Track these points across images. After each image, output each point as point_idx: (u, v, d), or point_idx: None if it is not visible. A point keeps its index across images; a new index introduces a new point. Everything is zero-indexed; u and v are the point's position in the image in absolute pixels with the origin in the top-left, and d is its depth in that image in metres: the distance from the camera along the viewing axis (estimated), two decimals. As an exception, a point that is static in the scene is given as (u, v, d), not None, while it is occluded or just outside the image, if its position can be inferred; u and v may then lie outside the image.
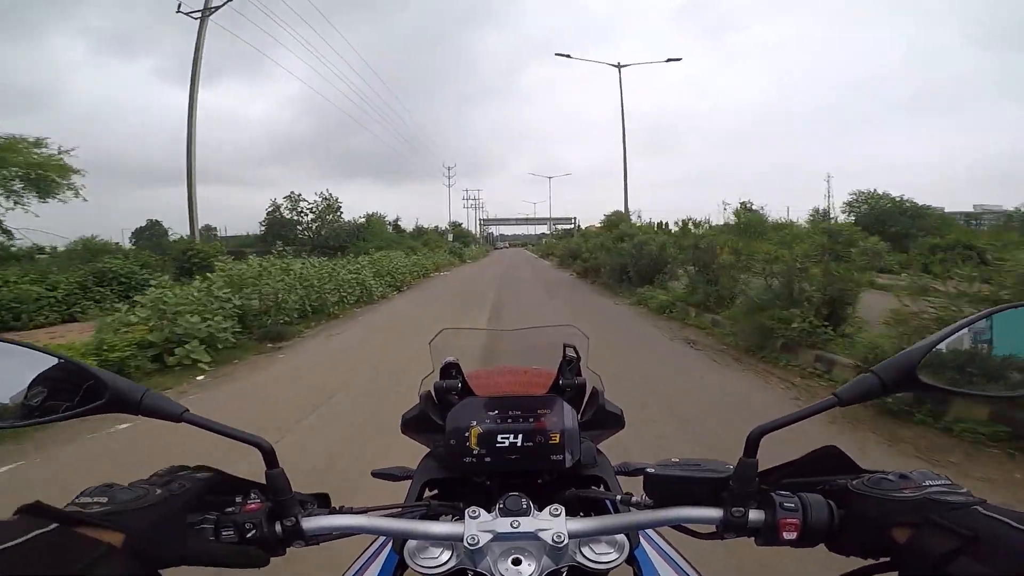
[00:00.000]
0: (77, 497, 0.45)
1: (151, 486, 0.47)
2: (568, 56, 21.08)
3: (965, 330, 0.48)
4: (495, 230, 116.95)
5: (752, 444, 0.48)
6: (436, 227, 48.56)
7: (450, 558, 0.51)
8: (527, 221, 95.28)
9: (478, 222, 74.81)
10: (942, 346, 0.46)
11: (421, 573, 0.51)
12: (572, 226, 76.48)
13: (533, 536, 0.49)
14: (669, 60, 20.74)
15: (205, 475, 0.53)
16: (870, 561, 0.46)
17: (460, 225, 62.41)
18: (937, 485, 0.44)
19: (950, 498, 0.42)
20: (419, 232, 43.51)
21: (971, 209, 38.89)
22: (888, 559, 0.45)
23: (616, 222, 20.68)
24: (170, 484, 0.48)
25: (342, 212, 28.57)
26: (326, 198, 28.05)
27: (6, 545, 0.35)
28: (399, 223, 42.12)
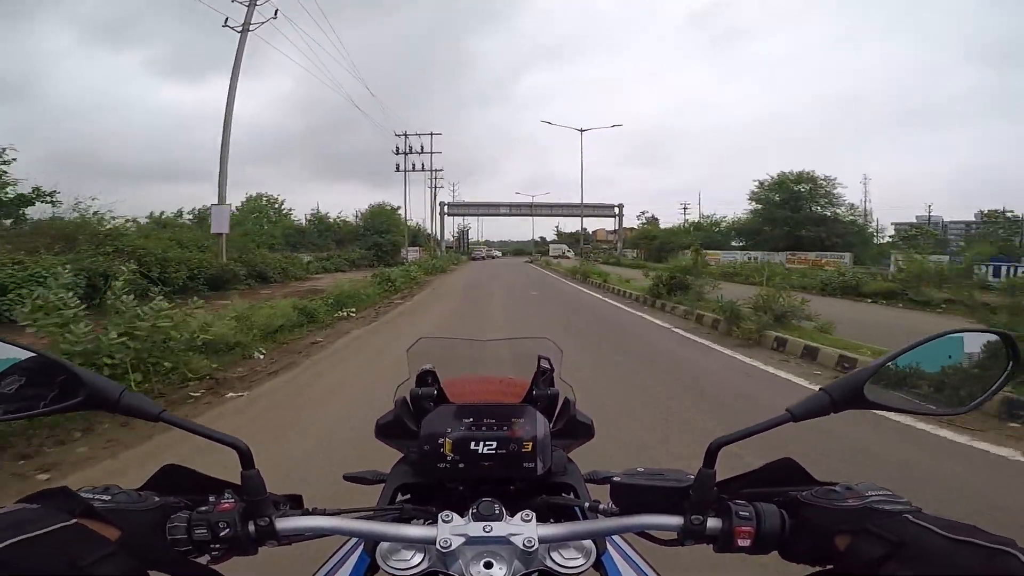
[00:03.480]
0: (80, 491, 0.48)
1: (148, 492, 0.51)
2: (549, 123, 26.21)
3: (901, 356, 0.54)
4: (473, 228, 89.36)
5: (711, 455, 0.52)
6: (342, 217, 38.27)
7: (422, 561, 0.52)
8: (528, 210, 65.33)
9: (435, 211, 52.22)
10: (890, 366, 0.52)
11: (392, 575, 0.52)
12: (614, 218, 64.27)
13: (505, 540, 0.51)
14: (613, 126, 28.23)
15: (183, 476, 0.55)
16: (817, 568, 0.51)
17: (419, 227, 47.58)
18: (878, 495, 0.49)
19: (887, 507, 0.47)
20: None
21: (972, 217, 41.77)
22: (831, 566, 0.49)
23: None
24: (165, 493, 0.52)
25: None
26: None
27: (28, 535, 0.39)
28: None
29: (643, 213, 68.94)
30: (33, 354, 0.50)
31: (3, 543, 0.37)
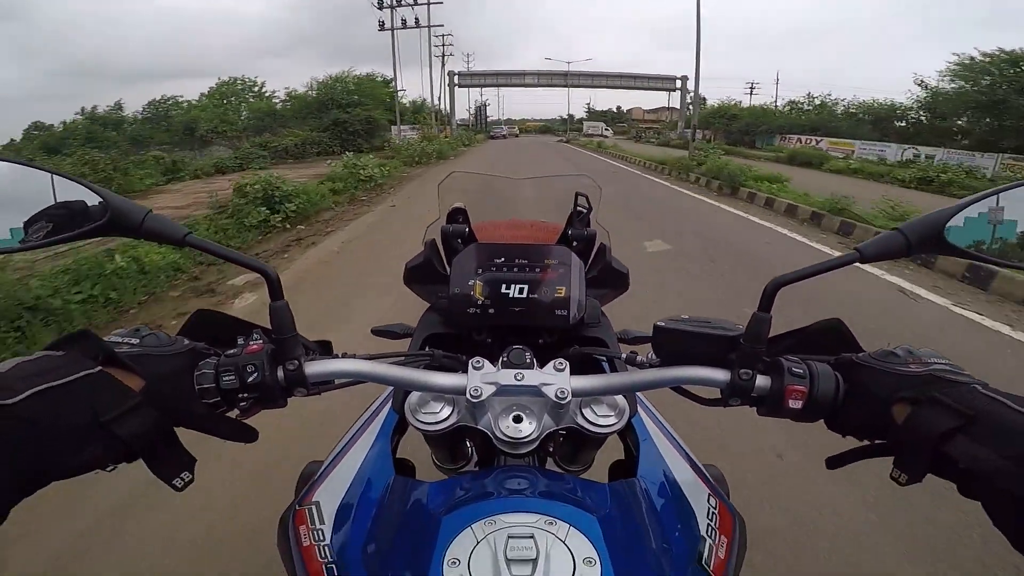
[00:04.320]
0: (109, 336, 0.49)
1: (180, 336, 0.52)
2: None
3: (994, 198, 0.50)
4: (493, 106, 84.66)
5: (768, 297, 0.50)
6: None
7: (451, 414, 0.54)
8: (562, 80, 55.34)
9: (443, 81, 45.77)
10: (970, 211, 0.49)
11: (421, 429, 0.55)
12: (674, 92, 49.79)
13: (536, 391, 0.52)
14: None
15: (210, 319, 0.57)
16: (865, 442, 0.50)
17: (423, 102, 42.00)
18: (942, 364, 0.47)
19: (953, 377, 0.45)
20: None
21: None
22: (884, 441, 0.48)
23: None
24: (198, 339, 0.53)
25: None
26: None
27: (51, 384, 0.39)
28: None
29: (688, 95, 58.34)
30: (57, 176, 0.50)
31: (26, 392, 0.38)
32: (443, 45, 41.74)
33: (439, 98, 43.85)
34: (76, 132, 30.30)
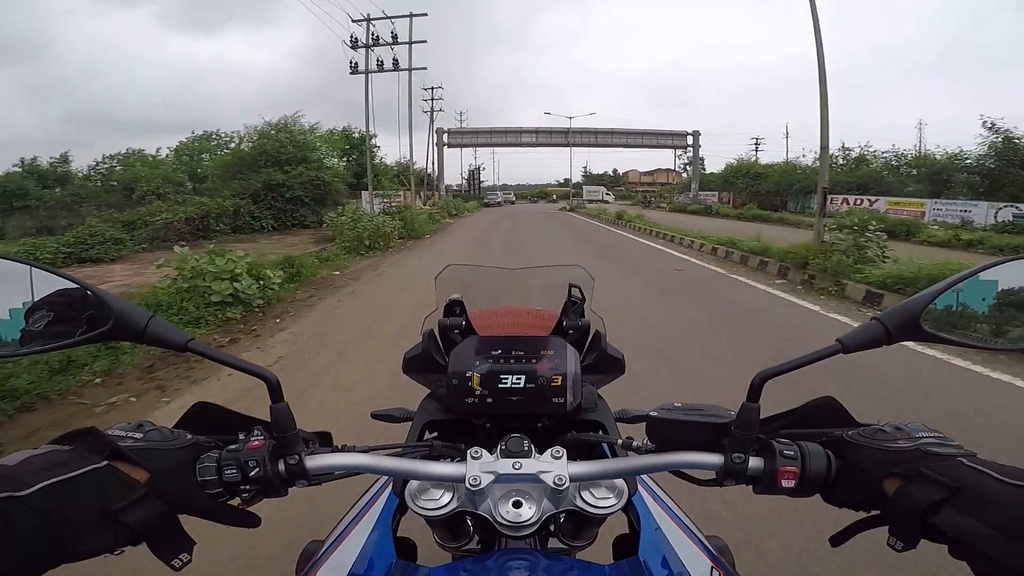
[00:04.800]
0: (112, 428, 0.53)
1: (180, 430, 0.56)
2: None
3: (966, 281, 0.53)
4: (488, 171, 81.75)
5: (755, 389, 0.54)
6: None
7: (451, 500, 0.58)
8: (563, 139, 50.57)
9: (431, 141, 39.89)
10: (946, 296, 0.53)
11: (421, 515, 0.58)
12: (682, 150, 48.33)
13: (534, 478, 0.56)
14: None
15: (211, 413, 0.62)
16: (862, 514, 0.54)
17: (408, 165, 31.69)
18: (929, 437, 0.51)
19: (940, 450, 0.48)
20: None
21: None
22: (879, 512, 0.51)
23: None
24: (196, 432, 0.57)
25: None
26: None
27: (60, 478, 0.43)
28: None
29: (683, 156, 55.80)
30: (62, 280, 0.53)
31: (37, 485, 0.41)
32: (432, 99, 37.46)
33: (432, 162, 39.76)
34: (7, 186, 24.18)
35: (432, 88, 36.00)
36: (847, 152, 30.32)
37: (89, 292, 0.53)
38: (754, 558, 1.82)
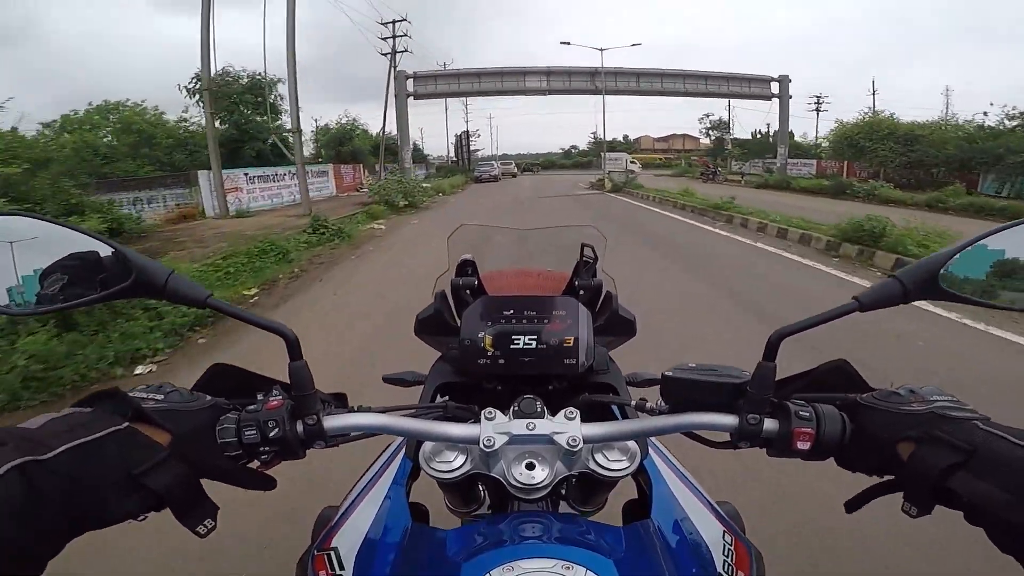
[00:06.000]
0: (133, 391, 0.53)
1: (202, 392, 0.56)
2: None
3: (989, 238, 0.53)
4: (480, 138, 63.90)
5: (772, 347, 0.54)
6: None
7: (464, 462, 0.58)
8: (586, 81, 30.22)
9: (389, 91, 24.36)
10: (964, 254, 0.52)
11: (436, 477, 0.59)
12: (767, 99, 28.90)
13: (548, 439, 0.56)
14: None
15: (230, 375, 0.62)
16: (875, 479, 0.54)
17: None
18: (943, 400, 0.51)
19: (954, 413, 0.48)
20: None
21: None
22: (892, 477, 0.52)
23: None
24: (215, 394, 0.57)
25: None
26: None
27: (82, 440, 0.43)
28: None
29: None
30: (84, 236, 0.52)
31: (58, 449, 0.41)
32: (392, 37, 25.39)
33: (391, 120, 26.35)
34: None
35: (394, 22, 24.90)
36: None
37: (112, 248, 0.52)
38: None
